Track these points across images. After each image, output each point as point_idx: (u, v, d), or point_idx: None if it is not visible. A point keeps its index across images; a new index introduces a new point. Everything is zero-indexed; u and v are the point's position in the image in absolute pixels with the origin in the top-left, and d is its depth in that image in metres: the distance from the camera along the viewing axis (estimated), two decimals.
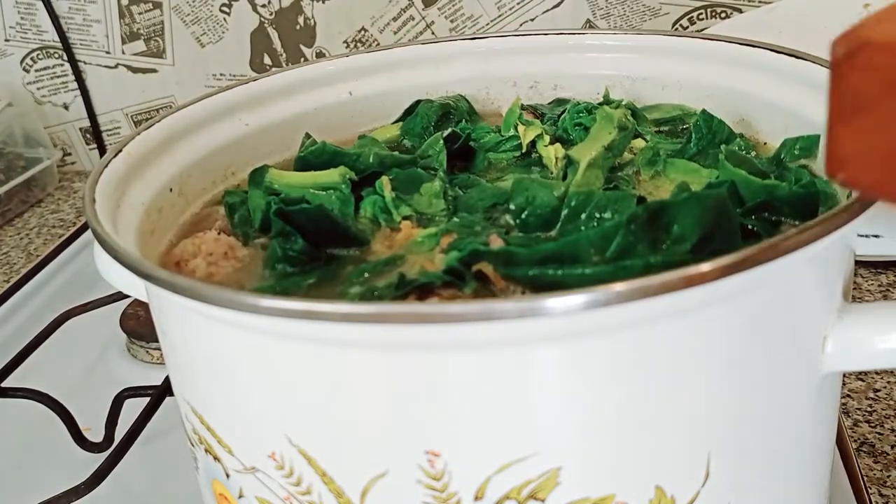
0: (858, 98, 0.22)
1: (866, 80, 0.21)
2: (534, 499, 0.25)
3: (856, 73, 0.21)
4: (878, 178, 0.22)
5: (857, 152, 0.22)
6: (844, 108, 0.22)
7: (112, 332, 0.61)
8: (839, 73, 0.22)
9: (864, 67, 0.21)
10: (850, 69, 0.22)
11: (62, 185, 0.93)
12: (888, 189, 0.22)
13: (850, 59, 0.21)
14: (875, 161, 0.22)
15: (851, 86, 0.22)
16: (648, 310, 0.22)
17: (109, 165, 0.33)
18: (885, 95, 0.21)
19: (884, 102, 0.21)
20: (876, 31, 0.21)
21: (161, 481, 0.48)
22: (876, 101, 0.21)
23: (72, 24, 0.89)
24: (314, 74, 0.44)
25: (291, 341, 0.25)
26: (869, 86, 0.21)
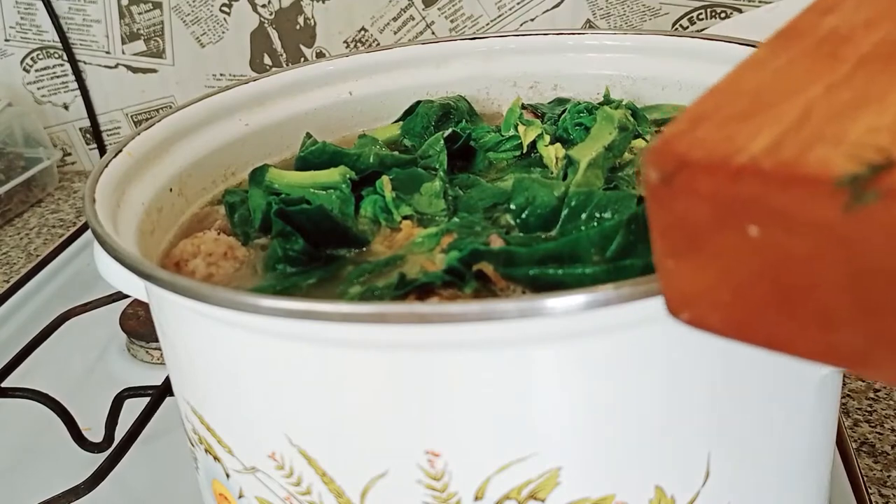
0: (686, 229, 0.18)
1: (691, 208, 0.17)
2: (534, 499, 0.25)
3: (678, 201, 0.17)
4: (730, 321, 0.18)
5: (698, 291, 0.18)
6: (671, 240, 0.18)
7: (112, 332, 0.61)
8: (658, 199, 0.18)
9: (687, 194, 0.17)
10: (669, 197, 0.18)
11: (62, 185, 0.93)
12: (745, 333, 0.18)
13: (669, 186, 0.17)
14: (724, 299, 0.18)
15: (674, 214, 0.18)
16: (648, 310, 0.22)
17: (109, 165, 0.33)
18: (718, 228, 0.17)
19: (718, 236, 0.17)
20: (693, 145, 0.17)
21: (161, 481, 0.48)
22: (707, 234, 0.17)
23: (72, 24, 0.89)
24: (314, 74, 0.44)
25: (291, 341, 0.25)
26: (696, 215, 0.17)
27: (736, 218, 0.17)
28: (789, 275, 0.17)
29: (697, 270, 0.18)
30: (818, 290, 0.17)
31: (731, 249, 0.17)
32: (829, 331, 0.17)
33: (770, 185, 0.16)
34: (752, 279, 0.17)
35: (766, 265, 0.17)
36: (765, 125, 0.17)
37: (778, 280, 0.17)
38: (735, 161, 0.17)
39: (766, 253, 0.17)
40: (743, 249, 0.17)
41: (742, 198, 0.17)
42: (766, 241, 0.17)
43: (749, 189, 0.16)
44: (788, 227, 0.16)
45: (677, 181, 0.17)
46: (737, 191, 0.17)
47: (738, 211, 0.17)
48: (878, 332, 0.16)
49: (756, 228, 0.17)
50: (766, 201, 0.16)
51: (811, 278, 0.17)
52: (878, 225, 0.15)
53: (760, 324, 0.18)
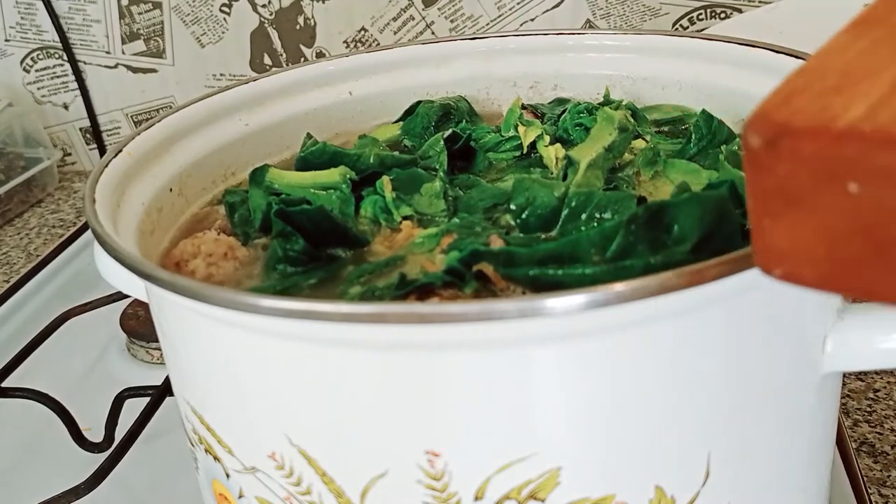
0: (787, 191, 0.19)
1: (794, 171, 0.19)
2: (534, 499, 0.25)
3: (781, 165, 0.19)
4: (825, 272, 0.20)
5: (794, 247, 0.20)
6: (771, 201, 0.20)
7: (112, 332, 0.61)
8: (758, 164, 0.20)
9: (789, 159, 0.19)
10: (773, 161, 0.19)
11: (62, 185, 0.93)
12: (839, 284, 0.20)
13: (772, 150, 0.19)
14: (818, 255, 0.20)
15: (776, 177, 0.19)
16: (648, 310, 0.22)
17: (109, 165, 0.33)
18: (819, 188, 0.19)
19: (818, 195, 0.19)
20: (793, 114, 0.19)
21: (161, 481, 0.48)
22: (808, 193, 0.19)
23: (72, 24, 0.89)
24: (314, 74, 0.44)
25: (291, 341, 0.25)
26: (798, 178, 0.19)
27: (837, 177, 0.18)
28: (885, 228, 0.19)
29: (794, 228, 0.20)
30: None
31: (829, 207, 0.19)
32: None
33: (871, 145, 0.18)
34: (849, 234, 0.19)
35: (864, 220, 0.19)
36: (857, 97, 0.19)
37: (874, 234, 0.19)
38: (836, 125, 0.18)
39: (864, 209, 0.19)
40: (841, 207, 0.19)
41: (844, 158, 0.18)
42: (864, 198, 0.18)
43: (851, 150, 0.18)
44: (886, 182, 0.18)
45: (781, 146, 0.19)
46: (839, 152, 0.18)
47: (840, 171, 0.18)
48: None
49: (856, 185, 0.18)
50: (867, 160, 0.18)
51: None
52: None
53: (855, 276, 0.20)
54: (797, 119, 0.19)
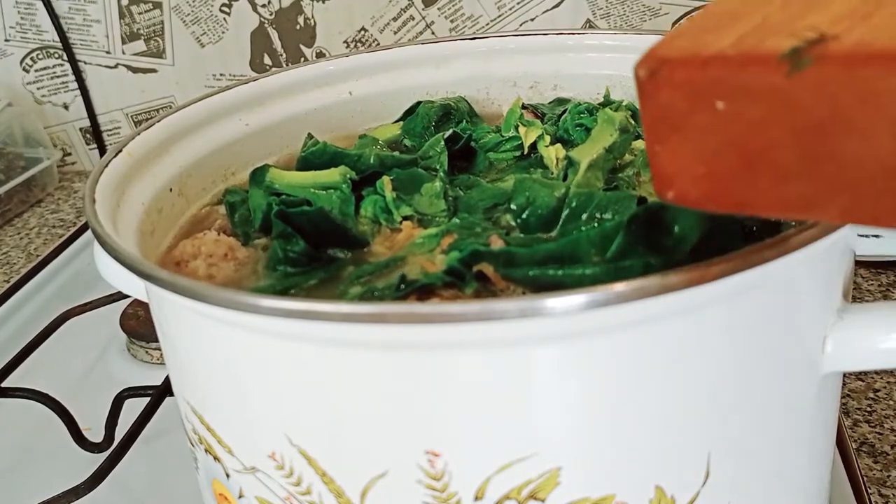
0: (669, 116, 0.22)
1: (672, 97, 0.21)
2: (534, 499, 0.25)
3: (661, 91, 0.21)
4: (705, 191, 0.22)
5: (680, 169, 0.22)
6: (658, 127, 0.22)
7: (112, 332, 0.61)
8: (646, 93, 0.22)
9: (667, 85, 0.21)
10: (654, 88, 0.22)
11: (62, 185, 0.93)
12: (717, 200, 0.22)
13: (653, 79, 0.21)
14: (699, 174, 0.22)
15: (659, 104, 0.22)
16: (648, 310, 0.22)
17: (109, 165, 0.33)
18: (693, 109, 0.21)
19: (693, 116, 0.21)
20: (672, 49, 0.21)
21: (161, 481, 0.48)
22: (685, 116, 0.21)
23: (72, 24, 0.89)
24: (314, 74, 0.44)
25: (291, 341, 0.25)
26: (676, 102, 0.21)
27: (706, 97, 0.21)
28: (749, 140, 0.21)
29: (678, 150, 0.22)
30: (772, 150, 0.21)
31: (703, 126, 0.21)
32: (784, 184, 0.21)
33: (731, 66, 0.20)
34: (721, 150, 0.21)
35: (731, 135, 0.21)
36: (729, 31, 0.21)
37: (741, 147, 0.21)
38: (704, 53, 0.21)
39: (730, 124, 0.21)
40: (712, 124, 0.21)
41: (710, 79, 0.21)
42: (730, 113, 0.21)
43: (715, 72, 0.21)
44: (747, 97, 0.20)
45: (659, 75, 0.21)
46: (705, 75, 0.21)
47: (708, 91, 0.21)
48: (819, 177, 0.20)
49: (722, 103, 0.21)
50: (728, 79, 0.20)
51: (766, 140, 0.21)
52: (811, 84, 0.19)
53: (730, 190, 0.22)
54: (675, 52, 0.21)
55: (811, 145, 0.20)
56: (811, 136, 0.20)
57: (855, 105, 0.19)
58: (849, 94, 0.19)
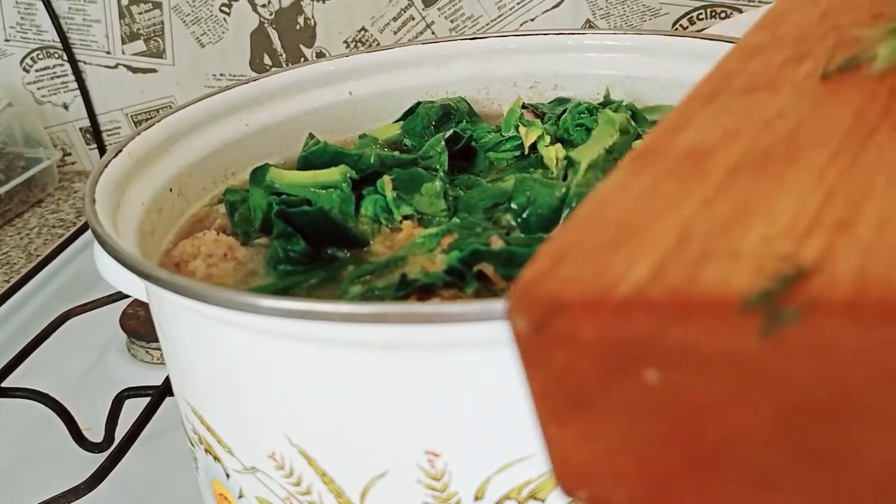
0: (571, 387, 0.15)
1: (573, 361, 0.14)
2: (534, 499, 0.25)
3: (556, 352, 0.14)
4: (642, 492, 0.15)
5: (594, 461, 0.15)
6: (554, 401, 0.15)
7: (112, 332, 0.61)
8: (530, 354, 0.15)
9: (565, 342, 0.14)
10: (546, 350, 0.15)
11: (62, 185, 0.93)
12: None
13: (543, 336, 0.14)
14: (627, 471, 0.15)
15: (556, 372, 0.15)
16: None
17: (109, 165, 0.33)
18: (609, 380, 0.14)
19: (610, 390, 0.14)
20: (563, 283, 0.14)
21: (161, 481, 0.48)
22: (598, 386, 0.14)
23: (72, 24, 0.89)
24: (314, 74, 0.44)
25: (292, 341, 0.25)
26: (579, 369, 0.14)
27: (628, 363, 0.14)
28: (705, 429, 0.14)
29: (588, 436, 0.15)
30: (745, 444, 0.14)
31: (626, 404, 0.14)
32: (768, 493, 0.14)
33: (664, 317, 0.13)
34: (659, 439, 0.14)
35: (674, 420, 0.14)
36: (640, 251, 0.14)
37: (692, 437, 0.14)
38: (616, 293, 0.14)
39: (671, 404, 0.14)
40: (642, 402, 0.14)
41: (632, 337, 0.14)
42: (669, 389, 0.14)
43: (639, 325, 0.13)
44: (694, 366, 0.13)
45: (552, 328, 0.14)
46: (624, 329, 0.14)
47: (630, 354, 0.14)
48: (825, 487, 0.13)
49: (654, 373, 0.14)
50: (661, 338, 0.13)
51: (734, 430, 0.14)
52: (806, 349, 0.12)
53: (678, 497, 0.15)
54: (567, 290, 0.14)
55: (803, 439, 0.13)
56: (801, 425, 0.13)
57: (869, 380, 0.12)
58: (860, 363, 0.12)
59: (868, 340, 0.12)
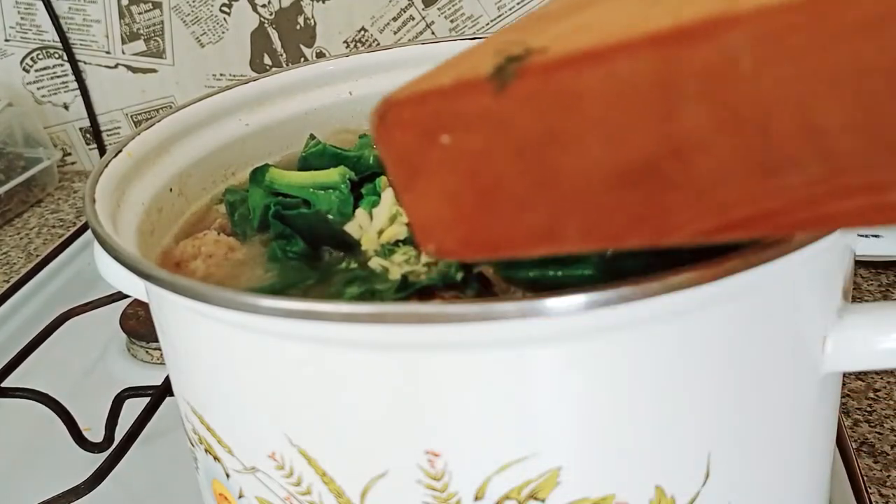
0: (406, 159, 0.21)
1: (403, 138, 0.21)
2: (534, 499, 0.25)
3: (392, 134, 0.21)
4: (459, 237, 0.21)
5: (432, 217, 0.21)
6: (400, 174, 0.21)
7: (112, 332, 0.61)
8: (381, 140, 0.21)
9: (396, 126, 0.21)
10: (386, 132, 0.21)
11: (62, 185, 0.93)
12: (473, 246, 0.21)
13: (383, 122, 0.21)
14: (449, 220, 0.21)
15: (395, 148, 0.21)
16: (648, 310, 0.22)
17: (109, 165, 0.33)
18: (424, 147, 0.20)
19: (426, 156, 0.20)
20: (401, 91, 0.21)
21: (161, 481, 0.48)
22: (419, 156, 0.21)
23: (72, 24, 0.89)
24: (314, 74, 0.44)
25: (291, 341, 0.25)
26: (408, 143, 0.21)
27: (432, 133, 0.20)
28: (479, 172, 0.20)
29: (424, 197, 0.21)
30: (502, 179, 0.20)
31: (437, 166, 0.20)
32: (520, 215, 0.20)
33: (446, 96, 0.20)
34: (459, 188, 0.20)
35: (463, 170, 0.20)
36: (458, 66, 0.21)
37: (474, 181, 0.20)
38: (422, 89, 0.20)
39: (459, 159, 0.20)
40: (444, 162, 0.20)
41: (431, 113, 0.20)
42: (456, 147, 0.20)
43: (433, 105, 0.20)
44: (464, 126, 0.20)
45: (388, 117, 0.21)
46: (426, 109, 0.20)
47: (432, 126, 0.20)
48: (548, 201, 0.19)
49: (446, 136, 0.20)
50: (445, 110, 0.20)
51: (494, 169, 0.20)
52: (519, 100, 0.19)
53: (479, 232, 0.21)
54: (402, 93, 0.21)
55: (534, 167, 0.19)
56: (532, 158, 0.19)
57: (561, 115, 0.18)
58: (553, 103, 0.18)
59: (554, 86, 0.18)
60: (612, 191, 0.19)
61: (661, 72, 0.17)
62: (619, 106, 0.18)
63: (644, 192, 0.19)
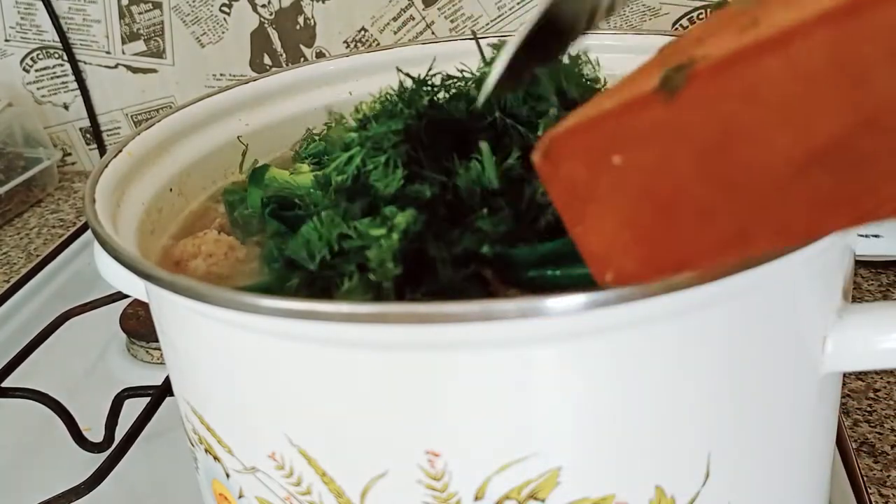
0: (575, 190, 0.21)
1: (570, 169, 0.21)
2: (534, 499, 0.25)
3: (559, 168, 0.21)
4: (640, 258, 0.21)
5: (608, 244, 0.21)
6: (571, 206, 0.21)
7: (112, 332, 0.61)
8: (547, 177, 0.22)
9: (562, 159, 0.21)
10: (552, 167, 0.21)
11: (62, 185, 0.93)
12: (656, 265, 0.21)
13: (548, 159, 0.21)
14: (627, 242, 0.21)
15: (563, 182, 0.21)
16: (648, 310, 0.22)
17: (109, 165, 0.33)
18: (595, 173, 0.21)
19: (598, 182, 0.21)
20: (560, 128, 0.21)
21: (161, 481, 0.48)
22: (590, 184, 0.21)
23: (72, 24, 0.89)
24: (314, 74, 0.44)
25: (291, 341, 0.25)
26: (576, 173, 0.21)
27: (601, 157, 0.20)
28: (657, 186, 0.20)
29: (598, 224, 0.21)
30: (683, 189, 0.20)
31: (610, 189, 0.20)
32: (709, 223, 0.20)
33: (614, 117, 0.20)
34: (636, 207, 0.20)
35: (639, 188, 0.20)
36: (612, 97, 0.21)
37: (652, 196, 0.20)
38: (586, 117, 0.21)
39: (633, 176, 0.20)
40: (618, 183, 0.20)
41: (599, 139, 0.20)
42: (629, 165, 0.20)
43: (601, 129, 0.20)
44: (637, 142, 0.20)
45: (552, 152, 0.21)
46: (594, 135, 0.20)
47: (601, 151, 0.20)
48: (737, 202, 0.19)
49: (618, 157, 0.20)
50: (615, 131, 0.20)
51: (673, 179, 0.20)
52: (692, 104, 0.19)
53: (662, 248, 0.21)
54: (562, 128, 0.21)
55: (715, 171, 0.19)
56: (712, 161, 0.19)
57: (738, 110, 0.18)
58: (729, 100, 0.18)
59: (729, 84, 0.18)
60: (803, 179, 0.18)
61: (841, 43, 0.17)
62: (800, 88, 0.18)
63: (839, 173, 0.18)
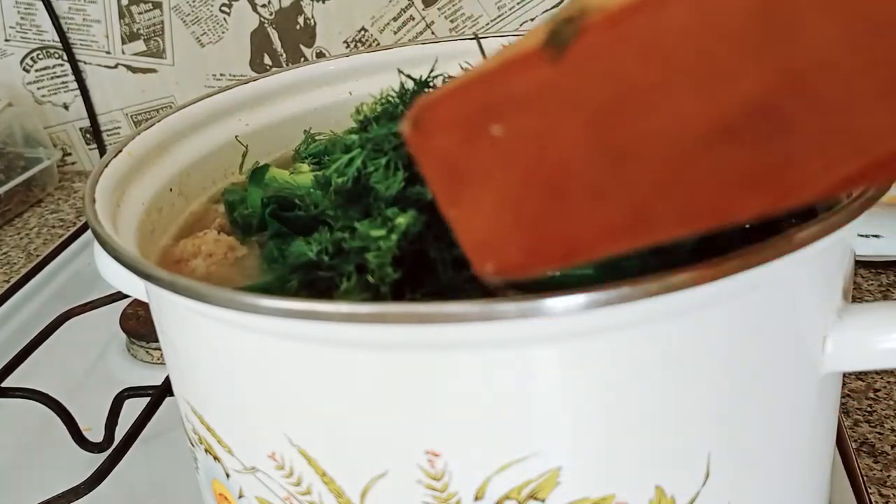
0: (449, 166, 0.18)
1: (443, 142, 0.18)
2: (534, 499, 0.25)
3: (431, 141, 0.18)
4: (525, 246, 0.18)
5: (488, 230, 0.18)
6: (445, 186, 0.18)
7: (112, 332, 0.61)
8: (418, 151, 0.18)
9: (433, 131, 0.18)
10: (423, 140, 0.18)
11: (62, 185, 0.93)
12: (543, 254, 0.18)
13: (418, 130, 0.18)
14: (510, 227, 0.18)
15: (436, 157, 0.18)
16: (648, 310, 0.22)
17: (109, 165, 0.33)
18: (471, 148, 0.17)
19: (474, 157, 0.17)
20: (433, 94, 0.18)
21: (161, 481, 0.48)
22: (466, 160, 0.18)
23: (72, 24, 0.89)
24: (314, 74, 0.44)
25: (291, 341, 0.25)
26: (450, 147, 0.18)
27: (479, 128, 0.17)
28: (543, 160, 0.17)
29: (477, 206, 0.18)
30: (573, 162, 0.16)
31: (490, 165, 0.17)
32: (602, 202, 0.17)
33: (493, 80, 0.17)
34: (520, 186, 0.17)
35: (523, 162, 0.17)
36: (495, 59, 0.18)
37: (538, 172, 0.17)
38: (462, 82, 0.18)
39: (516, 149, 0.17)
40: (498, 158, 0.17)
41: (476, 106, 0.17)
42: (510, 136, 0.17)
43: (478, 95, 0.17)
44: (520, 108, 0.16)
45: (422, 122, 0.18)
46: (469, 102, 0.17)
47: (478, 120, 0.17)
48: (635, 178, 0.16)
49: (497, 126, 0.17)
50: (494, 96, 0.17)
51: (561, 151, 0.17)
52: (582, 61, 0.16)
53: (551, 234, 0.18)
54: (436, 93, 0.18)
55: (610, 142, 0.16)
56: (606, 130, 0.16)
57: (638, 68, 0.15)
58: (626, 57, 0.15)
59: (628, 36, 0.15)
60: (713, 152, 0.15)
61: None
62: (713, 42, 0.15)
63: (756, 145, 0.15)
